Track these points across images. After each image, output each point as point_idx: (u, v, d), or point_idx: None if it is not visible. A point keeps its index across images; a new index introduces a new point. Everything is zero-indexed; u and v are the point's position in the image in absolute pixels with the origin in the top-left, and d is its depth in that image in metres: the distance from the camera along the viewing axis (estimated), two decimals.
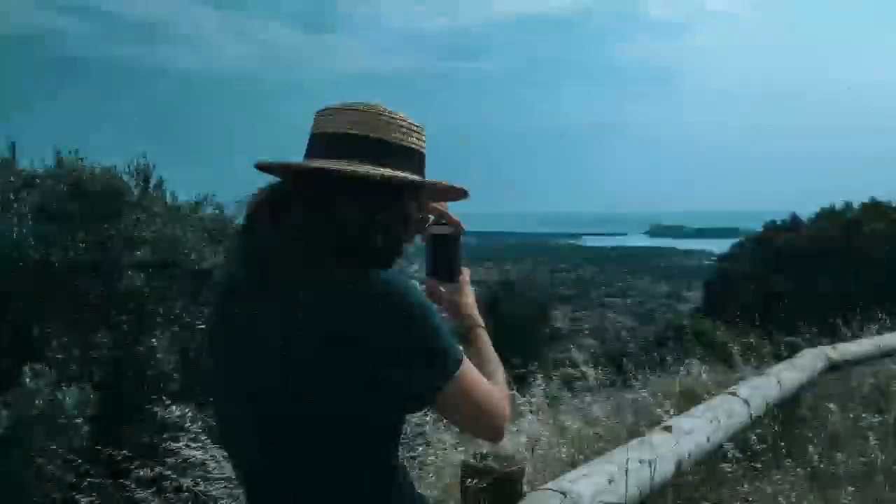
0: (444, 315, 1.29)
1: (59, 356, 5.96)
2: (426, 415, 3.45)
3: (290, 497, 1.20)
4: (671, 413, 3.41)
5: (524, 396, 4.14)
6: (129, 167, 7.76)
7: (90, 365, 6.12)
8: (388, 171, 1.21)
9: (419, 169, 1.29)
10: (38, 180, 7.12)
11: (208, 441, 3.31)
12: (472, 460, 2.05)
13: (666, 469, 2.50)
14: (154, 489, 3.42)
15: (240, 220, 1.30)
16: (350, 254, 1.18)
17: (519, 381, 4.47)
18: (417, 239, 1.39)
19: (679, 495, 3.13)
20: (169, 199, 8.11)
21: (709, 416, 3.01)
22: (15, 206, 6.44)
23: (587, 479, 2.09)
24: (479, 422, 1.26)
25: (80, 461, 4.33)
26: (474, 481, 1.98)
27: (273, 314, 1.16)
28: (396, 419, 1.23)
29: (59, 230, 6.59)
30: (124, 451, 3.60)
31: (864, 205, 25.26)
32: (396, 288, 1.15)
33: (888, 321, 6.69)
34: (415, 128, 1.29)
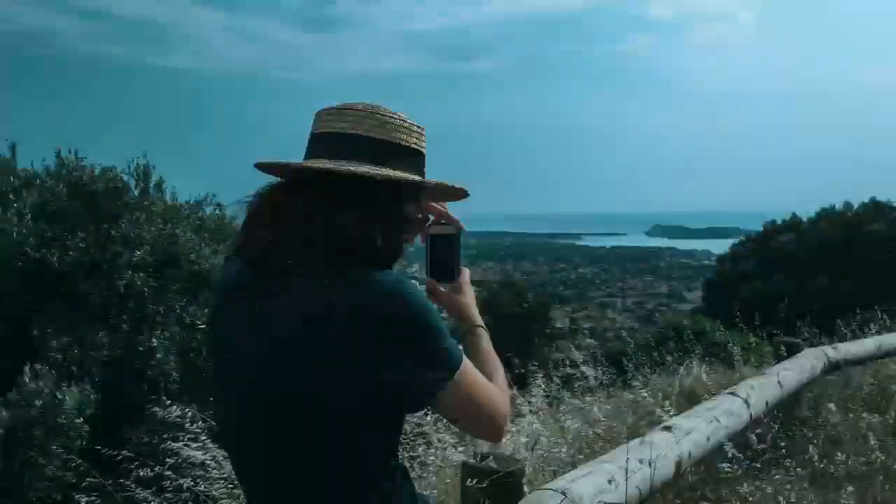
0: (444, 315, 1.29)
1: (59, 356, 5.95)
2: (426, 415, 3.44)
3: (291, 496, 1.20)
4: (671, 413, 3.41)
5: (524, 396, 4.14)
6: (129, 167, 7.77)
7: (90, 365, 6.12)
8: (388, 172, 1.21)
9: (419, 169, 1.29)
10: (38, 180, 7.13)
11: (208, 441, 3.31)
12: (472, 460, 2.05)
13: (666, 469, 2.50)
14: (154, 489, 3.41)
15: (240, 221, 1.30)
16: (350, 254, 1.18)
17: (519, 381, 4.46)
18: (417, 239, 1.39)
19: (679, 495, 3.13)
20: (169, 199, 8.12)
21: (709, 416, 3.01)
22: (15, 206, 6.44)
23: (587, 479, 2.09)
24: (479, 422, 1.26)
25: (80, 461, 4.33)
26: (474, 481, 1.97)
27: (273, 314, 1.16)
28: (396, 419, 1.23)
29: (59, 230, 6.58)
30: (124, 452, 3.59)
31: (864, 205, 25.29)
32: (397, 288, 1.15)
33: (888, 321, 6.68)
34: (415, 128, 1.29)
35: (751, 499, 3.15)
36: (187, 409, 3.52)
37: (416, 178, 1.27)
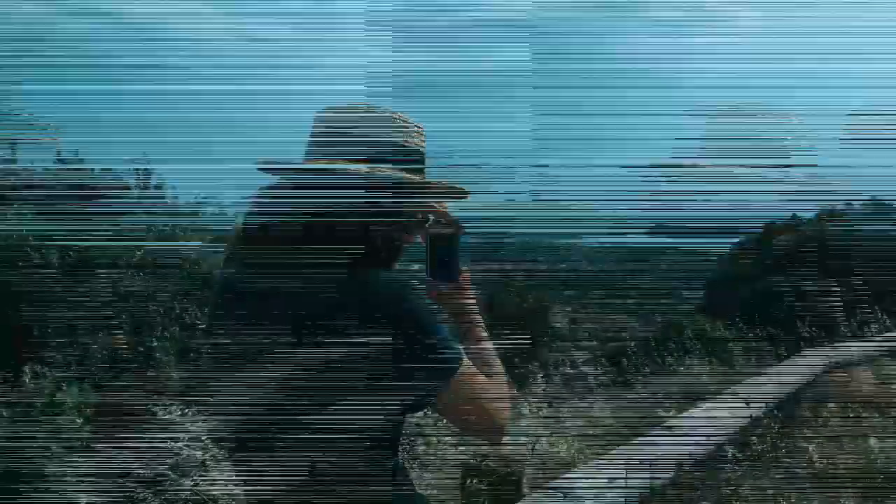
0: (444, 315, 1.29)
1: (59, 356, 5.96)
2: (426, 415, 3.44)
3: (289, 495, 1.20)
4: (671, 413, 3.41)
5: (524, 396, 4.14)
6: (129, 167, 7.76)
7: (90, 365, 6.12)
8: (387, 171, 1.21)
9: (419, 169, 1.29)
10: (38, 180, 7.13)
11: (208, 441, 3.31)
12: (472, 460, 2.06)
13: (666, 469, 2.50)
14: (154, 489, 3.41)
15: (240, 221, 1.30)
16: (350, 254, 1.18)
17: (519, 381, 4.47)
18: (417, 239, 1.39)
19: (679, 495, 3.13)
20: (169, 199, 8.11)
21: (708, 416, 3.01)
22: (15, 206, 6.45)
23: (587, 480, 2.09)
24: (479, 422, 1.26)
25: (80, 461, 4.33)
26: (474, 481, 1.98)
27: (273, 315, 1.16)
28: (396, 420, 1.23)
29: (58, 230, 6.59)
30: (125, 451, 3.59)
31: (864, 205, 25.25)
32: (396, 288, 1.15)
33: (888, 321, 6.69)
34: (415, 128, 1.29)
35: (751, 499, 3.15)
36: (187, 409, 3.53)
37: (416, 177, 1.27)
